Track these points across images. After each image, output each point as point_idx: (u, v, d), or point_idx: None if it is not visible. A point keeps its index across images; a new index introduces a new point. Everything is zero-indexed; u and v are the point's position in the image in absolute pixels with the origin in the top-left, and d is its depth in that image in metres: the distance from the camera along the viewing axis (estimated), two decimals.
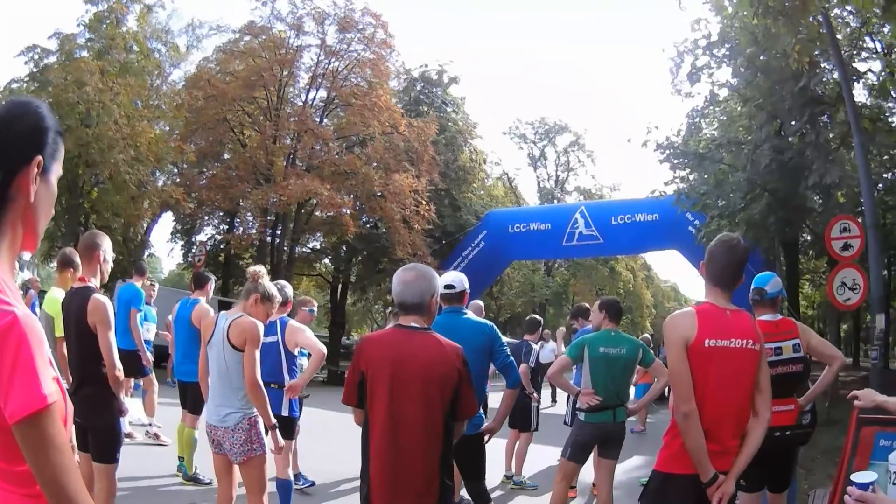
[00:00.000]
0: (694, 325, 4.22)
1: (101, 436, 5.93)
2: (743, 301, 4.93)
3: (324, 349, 7.35)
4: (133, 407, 11.28)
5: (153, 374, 12.26)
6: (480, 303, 11.89)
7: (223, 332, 5.92)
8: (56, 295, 7.02)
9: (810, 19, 12.09)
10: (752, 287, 6.67)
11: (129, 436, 11.86)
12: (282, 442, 6.29)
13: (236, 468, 6.07)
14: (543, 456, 13.09)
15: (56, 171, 2.04)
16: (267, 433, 6.07)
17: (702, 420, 4.11)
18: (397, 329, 4.51)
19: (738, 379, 4.25)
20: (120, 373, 6.00)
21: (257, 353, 5.92)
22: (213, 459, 6.16)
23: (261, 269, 6.36)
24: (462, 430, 4.69)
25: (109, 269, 6.39)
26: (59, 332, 6.79)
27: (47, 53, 30.67)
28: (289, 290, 7.84)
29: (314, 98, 33.53)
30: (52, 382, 1.78)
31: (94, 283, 6.14)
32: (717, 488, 4.09)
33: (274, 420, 6.08)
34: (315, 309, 9.43)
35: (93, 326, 5.89)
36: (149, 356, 11.75)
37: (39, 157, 1.93)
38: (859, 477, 3.14)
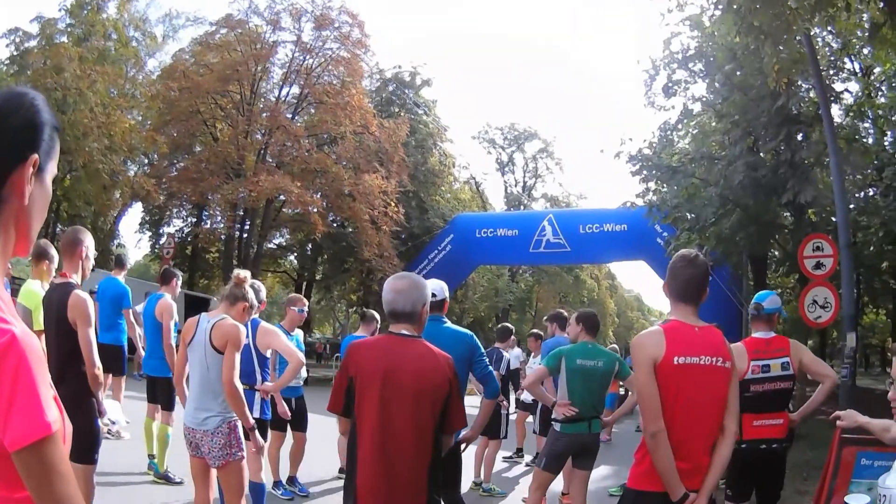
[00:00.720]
0: (662, 344, 4.15)
1: (80, 436, 5.79)
2: (708, 317, 4.92)
3: (301, 356, 7.24)
4: (112, 407, 11.19)
5: (126, 374, 12.22)
6: (511, 327, 12.11)
7: (205, 335, 5.85)
8: (33, 287, 6.89)
9: (793, 39, 12.16)
10: (752, 302, 6.77)
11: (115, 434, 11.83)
12: (262, 443, 6.26)
13: (213, 471, 6.00)
14: (509, 462, 13.15)
15: (51, 170, 1.87)
16: (247, 437, 6.02)
17: (671, 438, 4.06)
18: (388, 336, 4.46)
19: (708, 396, 4.20)
20: (99, 371, 5.92)
21: (237, 357, 5.85)
22: (190, 462, 6.07)
23: (247, 274, 6.30)
24: (450, 443, 4.70)
25: (91, 266, 6.32)
26: (38, 325, 6.69)
27: (29, 37, 30.63)
28: (263, 292, 7.75)
29: (287, 94, 33.62)
30: (54, 407, 1.65)
31: (76, 279, 6.07)
32: None
33: (253, 422, 6.01)
34: (305, 309, 9.38)
35: (73, 323, 5.81)
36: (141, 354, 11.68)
37: (35, 156, 1.76)
38: (854, 499, 3.15)
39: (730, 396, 4.24)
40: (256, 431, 6.09)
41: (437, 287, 6.30)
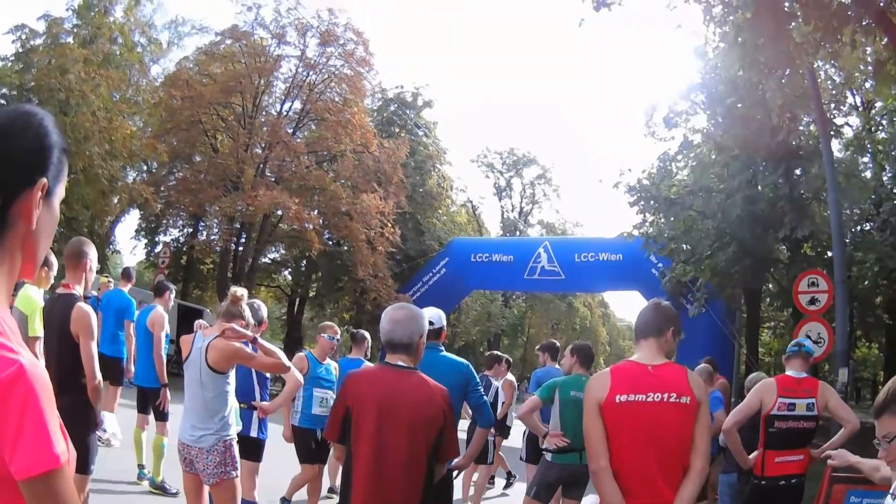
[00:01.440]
0: (606, 384, 4.26)
1: (76, 446, 5.77)
2: (702, 350, 4.94)
3: (300, 377, 7.21)
4: (108, 419, 11.18)
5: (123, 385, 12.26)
6: (498, 354, 12.18)
7: (201, 353, 5.84)
8: (31, 293, 6.77)
9: (797, 74, 12.20)
10: (794, 341, 7.02)
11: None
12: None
13: (206, 487, 6.01)
14: (496, 488, 13.10)
15: (59, 193, 1.82)
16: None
17: (621, 476, 4.14)
18: (385, 367, 4.52)
19: (661, 433, 4.19)
20: (100, 384, 5.94)
21: (232, 374, 5.99)
22: (183, 477, 6.08)
23: (244, 293, 6.28)
24: (443, 472, 4.75)
25: (94, 278, 6.33)
26: (32, 331, 6.65)
27: (35, 35, 30.53)
28: (264, 311, 7.71)
29: (289, 109, 33.49)
30: (62, 438, 1.63)
31: (79, 290, 6.07)
32: None
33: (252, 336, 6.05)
34: (337, 336, 9.28)
35: (75, 336, 5.81)
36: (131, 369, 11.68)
37: (44, 180, 1.71)
38: None
39: (694, 433, 4.24)
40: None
41: (434, 315, 6.29)
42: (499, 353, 13.25)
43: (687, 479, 4.21)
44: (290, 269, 41.71)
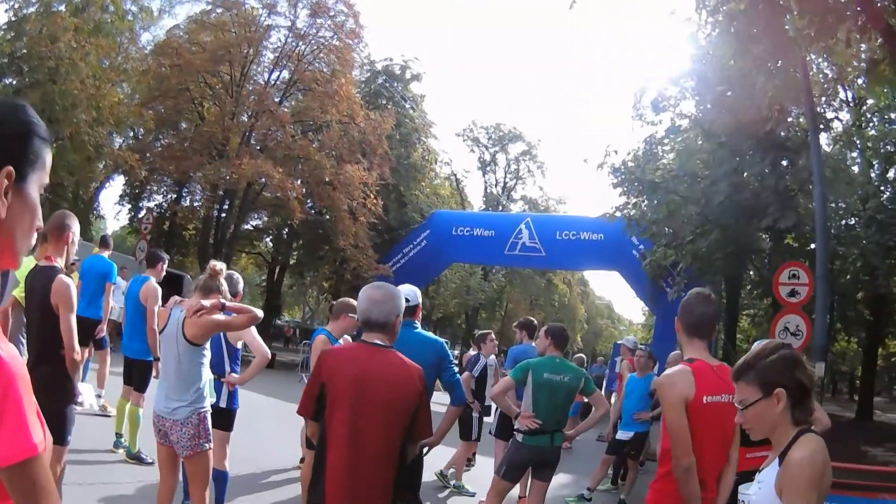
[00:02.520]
0: (692, 384, 4.38)
1: (54, 417, 5.78)
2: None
3: (268, 353, 7.28)
4: (85, 391, 11.21)
5: (108, 347, 12.28)
6: (487, 333, 12.33)
7: (177, 325, 5.90)
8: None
9: (788, 66, 12.21)
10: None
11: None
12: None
13: (180, 458, 6.05)
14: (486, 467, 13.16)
15: (38, 180, 1.80)
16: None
17: (699, 471, 4.28)
18: (361, 345, 4.55)
19: (727, 430, 4.44)
20: (78, 356, 5.96)
21: (208, 346, 6.09)
22: (157, 449, 6.14)
23: (222, 266, 6.34)
24: (415, 452, 4.77)
25: (75, 251, 6.35)
26: (17, 293, 6.70)
27: (28, 3, 30.30)
28: (240, 283, 7.74)
29: (277, 79, 33.30)
30: (39, 427, 1.66)
31: (60, 263, 6.09)
32: None
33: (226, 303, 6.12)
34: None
35: (55, 307, 5.85)
36: (103, 328, 11.71)
37: (9, 168, 1.67)
38: None
39: (735, 429, 4.42)
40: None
41: (410, 292, 6.32)
42: (485, 332, 13.35)
43: (728, 470, 4.53)
44: (271, 237, 41.61)
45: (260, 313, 6.30)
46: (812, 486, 2.99)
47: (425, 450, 6.29)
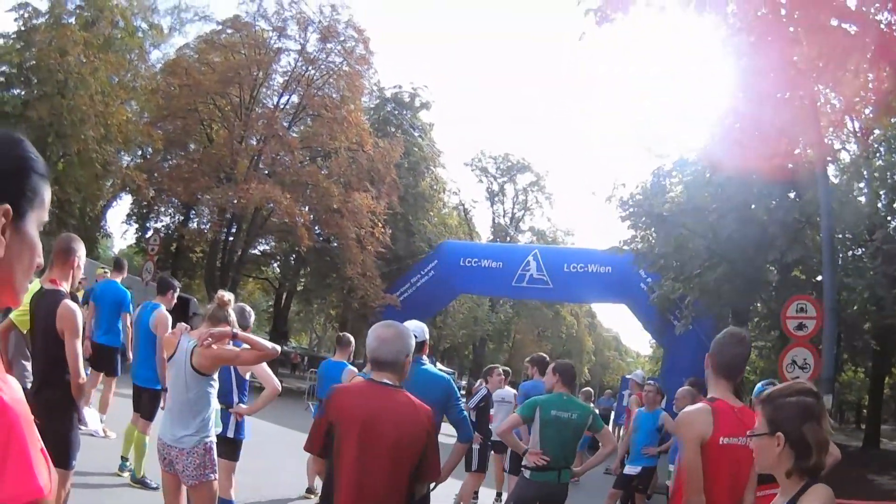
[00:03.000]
0: (710, 423, 4.33)
1: (58, 441, 5.69)
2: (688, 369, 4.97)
3: (278, 385, 7.20)
4: (91, 417, 11.15)
5: (118, 374, 12.26)
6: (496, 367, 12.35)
7: (186, 355, 5.84)
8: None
9: (796, 99, 12.18)
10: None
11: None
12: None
13: (184, 487, 5.99)
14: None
15: (36, 218, 1.71)
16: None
17: None
18: (370, 384, 4.49)
19: (744, 472, 4.37)
20: (84, 381, 5.92)
21: (216, 376, 6.00)
22: (161, 476, 6.08)
23: (231, 297, 6.31)
24: (423, 492, 4.75)
25: (80, 275, 6.32)
26: (16, 318, 6.62)
27: (37, 14, 30.43)
28: (251, 316, 7.70)
29: (286, 103, 33.40)
30: (45, 470, 1.58)
31: (65, 287, 6.02)
32: None
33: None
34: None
35: (60, 332, 5.78)
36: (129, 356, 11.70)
37: (6, 206, 1.60)
38: None
39: (752, 470, 4.35)
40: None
41: (417, 328, 6.25)
42: (493, 366, 13.42)
43: None
44: (278, 262, 41.74)
45: (276, 349, 6.25)
46: None
47: (432, 485, 6.24)
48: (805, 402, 3.15)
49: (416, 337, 5.91)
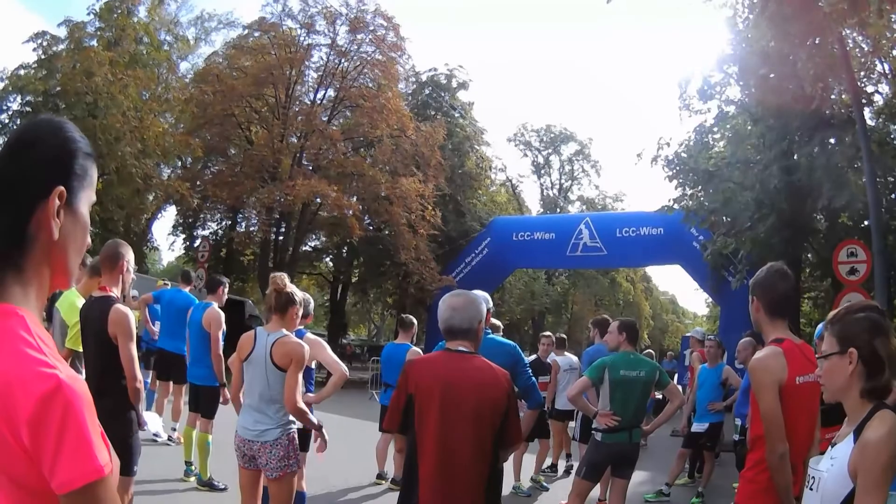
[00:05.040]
0: (784, 366, 4.26)
1: (118, 447, 5.81)
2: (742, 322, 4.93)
3: (345, 370, 7.25)
4: (152, 420, 11.38)
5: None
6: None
7: (266, 350, 5.92)
8: (76, 301, 6.73)
9: (826, 43, 12.12)
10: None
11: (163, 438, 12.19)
12: (326, 438, 6.40)
13: (261, 481, 6.12)
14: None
15: (87, 198, 1.81)
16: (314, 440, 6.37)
17: (791, 455, 4.16)
18: (446, 353, 4.49)
19: (816, 411, 4.40)
20: (140, 384, 5.97)
21: (300, 376, 5.97)
22: (239, 473, 6.14)
23: (283, 277, 6.30)
24: (507, 458, 4.71)
25: (130, 280, 6.40)
26: (71, 343, 6.70)
27: (57, 41, 30.74)
28: (311, 304, 7.79)
29: (322, 97, 33.38)
30: (104, 449, 1.59)
31: (116, 292, 6.11)
32: None
33: (319, 422, 6.27)
34: None
35: (113, 337, 5.84)
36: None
37: (60, 188, 1.69)
38: None
39: (818, 408, 4.40)
40: (323, 430, 6.34)
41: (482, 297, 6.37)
42: (543, 333, 13.57)
43: (815, 449, 4.29)
44: (331, 256, 41.76)
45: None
46: (888, 472, 2.87)
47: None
48: (874, 318, 3.14)
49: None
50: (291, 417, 6.06)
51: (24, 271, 1.68)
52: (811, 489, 3.16)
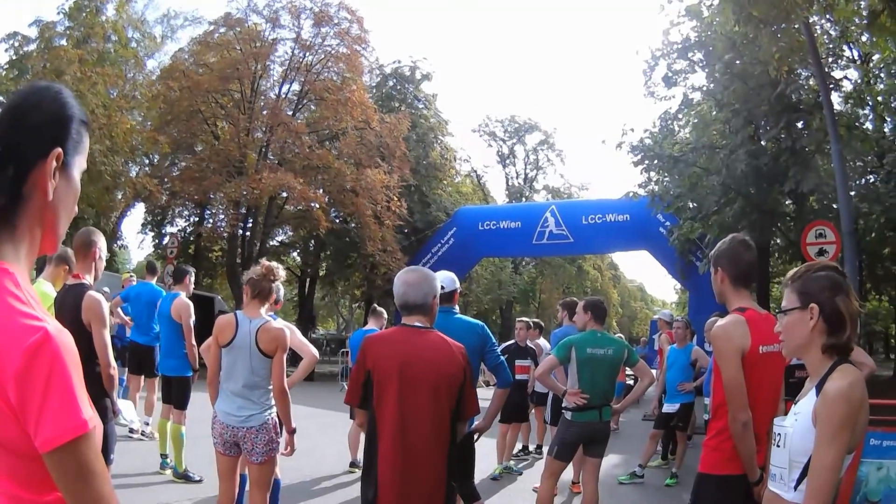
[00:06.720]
0: (747, 334, 4.24)
1: None
2: (712, 305, 4.96)
3: (316, 353, 7.34)
4: (125, 408, 11.31)
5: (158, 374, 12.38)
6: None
7: (250, 337, 5.94)
8: (46, 289, 6.66)
9: (792, 28, 12.19)
10: None
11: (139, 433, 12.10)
12: (295, 445, 6.39)
13: (238, 467, 6.16)
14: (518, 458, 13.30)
15: (79, 164, 1.83)
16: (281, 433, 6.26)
17: (753, 425, 4.16)
18: (403, 328, 4.56)
19: (779, 381, 4.42)
20: (114, 371, 5.96)
21: (284, 358, 6.04)
22: (217, 460, 6.14)
23: (277, 266, 6.35)
24: (464, 431, 4.78)
25: (103, 267, 6.37)
26: None
27: (28, 41, 30.61)
28: (281, 291, 7.83)
29: (287, 91, 33.37)
30: (89, 405, 1.60)
31: (89, 280, 6.13)
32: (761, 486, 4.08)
33: (294, 425, 6.25)
34: None
35: (87, 324, 5.84)
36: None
37: (59, 150, 1.72)
38: None
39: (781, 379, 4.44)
40: (294, 435, 6.33)
41: (446, 278, 6.38)
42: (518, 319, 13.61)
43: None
44: (298, 250, 41.67)
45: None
46: (846, 424, 2.90)
47: (475, 436, 6.34)
48: (834, 277, 3.17)
49: (444, 287, 6.04)
50: (272, 402, 6.10)
51: (16, 229, 1.71)
52: (778, 446, 3.20)
